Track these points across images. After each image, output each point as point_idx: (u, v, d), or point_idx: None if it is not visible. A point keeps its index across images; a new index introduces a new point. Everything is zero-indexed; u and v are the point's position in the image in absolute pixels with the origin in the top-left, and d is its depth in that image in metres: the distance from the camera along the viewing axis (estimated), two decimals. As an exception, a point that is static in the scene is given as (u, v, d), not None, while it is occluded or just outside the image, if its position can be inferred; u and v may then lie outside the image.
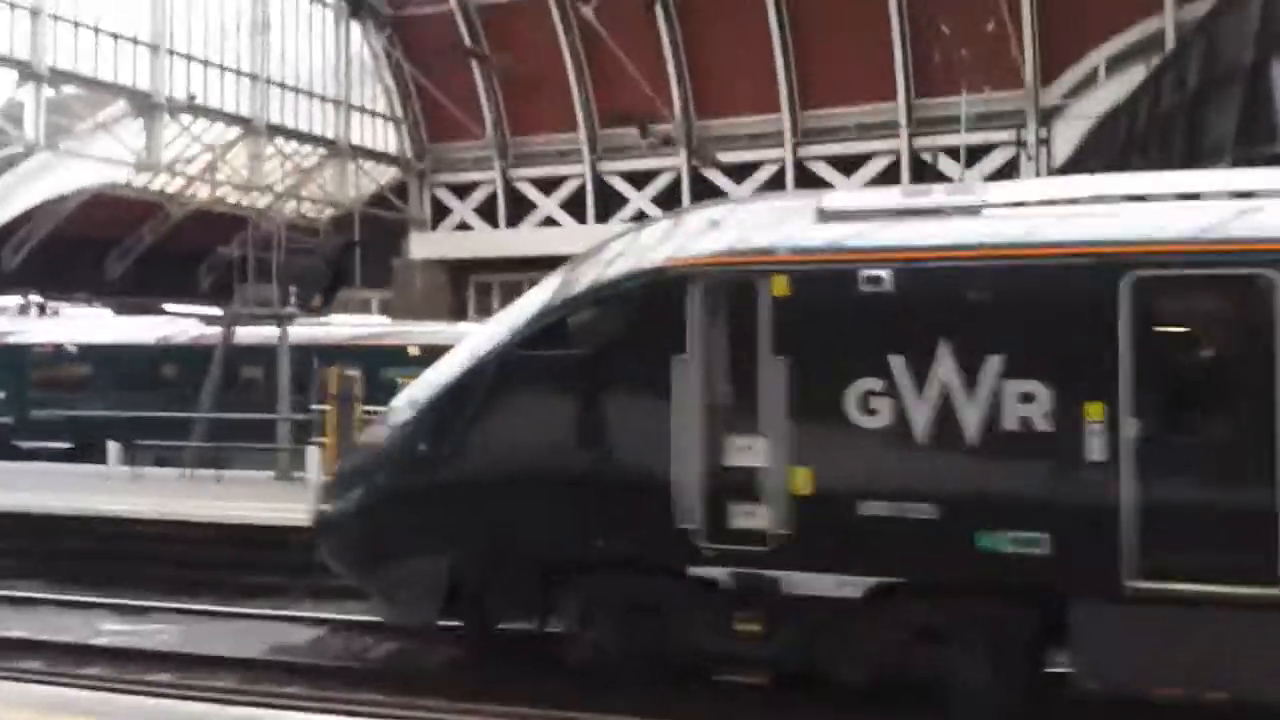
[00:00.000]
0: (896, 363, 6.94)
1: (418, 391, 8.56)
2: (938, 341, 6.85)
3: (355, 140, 33.75)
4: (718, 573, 7.43)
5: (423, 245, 35.26)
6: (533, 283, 31.50)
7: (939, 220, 7.25)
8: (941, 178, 28.81)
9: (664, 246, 7.91)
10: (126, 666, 9.11)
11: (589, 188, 33.00)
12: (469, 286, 35.75)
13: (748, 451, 7.25)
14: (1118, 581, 6.55)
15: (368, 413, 14.86)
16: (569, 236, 32.24)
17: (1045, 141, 27.68)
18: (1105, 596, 6.60)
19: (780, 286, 7.25)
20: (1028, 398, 6.65)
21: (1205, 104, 14.50)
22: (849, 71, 28.81)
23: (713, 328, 7.41)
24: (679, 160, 31.59)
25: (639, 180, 32.53)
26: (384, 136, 35.17)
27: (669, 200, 31.89)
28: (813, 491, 7.10)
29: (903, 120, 28.79)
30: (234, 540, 12.65)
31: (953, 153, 28.75)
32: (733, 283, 7.41)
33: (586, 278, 8.09)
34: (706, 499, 7.33)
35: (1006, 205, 7.31)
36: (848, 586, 7.13)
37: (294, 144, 32.39)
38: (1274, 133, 12.90)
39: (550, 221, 33.77)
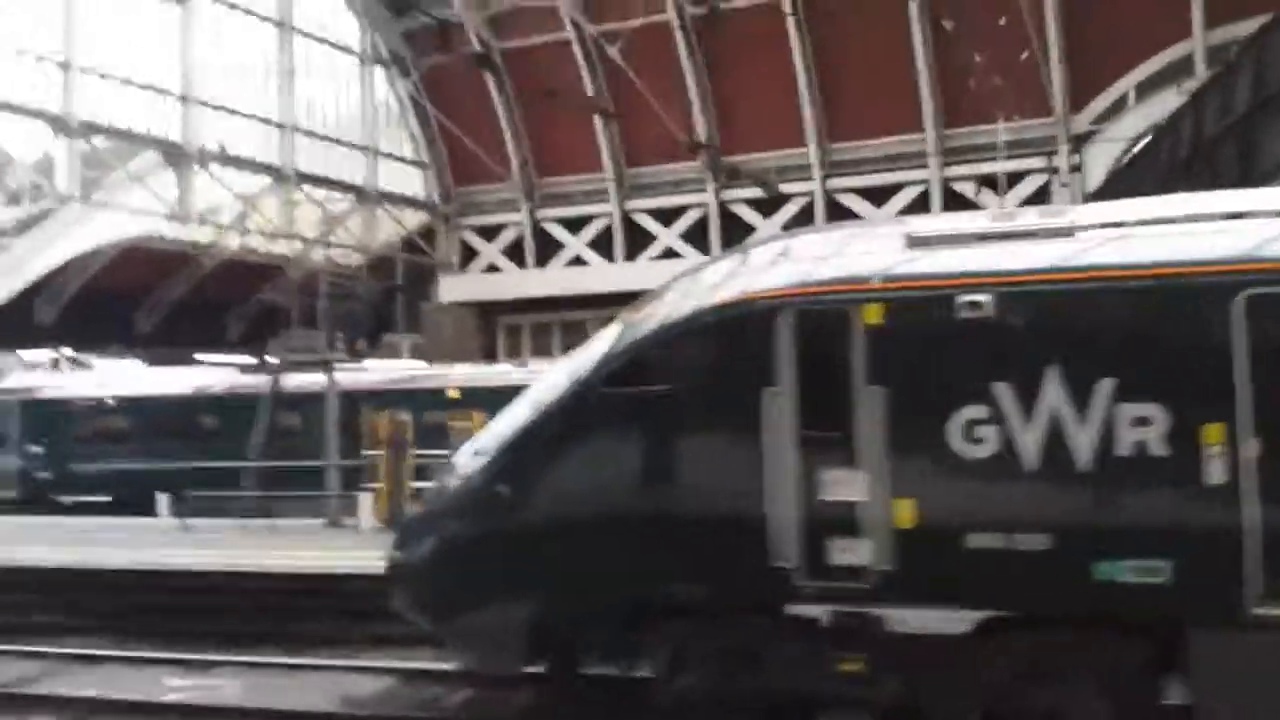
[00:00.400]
0: (1001, 389, 6.78)
1: (492, 434, 8.44)
2: (1045, 366, 6.69)
3: (383, 186, 33.97)
4: (817, 611, 7.24)
5: (451, 288, 35.37)
6: (564, 323, 31.98)
7: (1034, 243, 7.13)
8: (973, 207, 28.83)
9: (741, 279, 7.77)
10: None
11: (616, 226, 33.09)
12: (498, 328, 35.82)
13: (845, 485, 7.09)
14: (1241, 608, 6.36)
15: (419, 457, 14.79)
16: (598, 275, 32.39)
17: (1077, 168, 27.61)
18: (1228, 624, 6.40)
19: (874, 315, 7.10)
20: (1143, 421, 6.49)
21: (1256, 126, 14.38)
22: (876, 103, 28.88)
23: (804, 359, 7.26)
24: (707, 196, 31.64)
25: (667, 217, 32.59)
26: (411, 182, 35.41)
27: (696, 236, 32.00)
28: (916, 524, 6.92)
29: (931, 149, 28.78)
30: (297, 589, 12.55)
31: (984, 180, 28.77)
32: (824, 313, 7.26)
33: (663, 314, 7.96)
34: (803, 535, 7.15)
35: (1101, 227, 7.19)
36: (954, 621, 6.93)
37: (323, 191, 32.62)
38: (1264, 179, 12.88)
39: (578, 261, 33.84)
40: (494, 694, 9.55)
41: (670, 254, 32.12)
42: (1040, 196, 28.08)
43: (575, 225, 33.92)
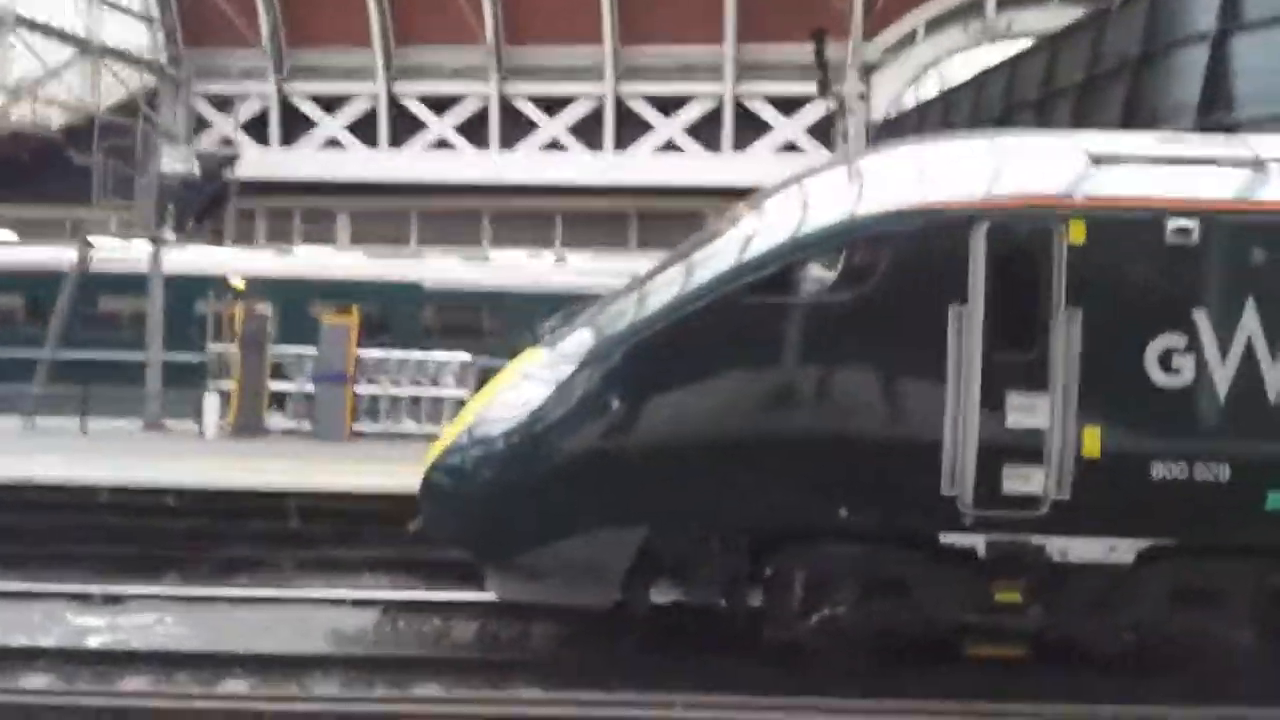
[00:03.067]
0: (1200, 319, 6.76)
1: (579, 342, 7.48)
2: (1244, 298, 6.74)
3: (111, 41, 29.66)
4: (974, 540, 7.02)
5: (176, 161, 31.58)
6: (306, 210, 29.58)
7: (1226, 171, 7.11)
8: (765, 125, 29.34)
9: (908, 186, 7.26)
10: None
11: (382, 108, 30.82)
12: (227, 210, 32.53)
13: (1032, 411, 6.85)
14: None
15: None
16: (357, 161, 30.17)
17: (864, 96, 28.61)
18: None
19: (1078, 233, 6.86)
20: None
21: (1149, 72, 15.35)
22: (676, 7, 28.48)
23: (997, 276, 6.90)
24: (488, 87, 30.11)
25: (440, 105, 30.72)
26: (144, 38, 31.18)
27: (473, 129, 30.47)
28: (1102, 453, 6.81)
29: (728, 62, 28.83)
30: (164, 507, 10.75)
31: (775, 100, 29.25)
32: (1024, 228, 6.94)
33: (811, 218, 7.31)
34: (981, 462, 6.87)
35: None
36: (1119, 551, 6.93)
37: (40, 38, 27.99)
38: (1231, 102, 14.00)
39: (334, 143, 31.28)
40: (508, 625, 8.68)
41: (443, 144, 30.42)
42: (827, 121, 28.93)
43: (332, 104, 31.26)
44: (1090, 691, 7.00)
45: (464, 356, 14.60)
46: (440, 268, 20.67)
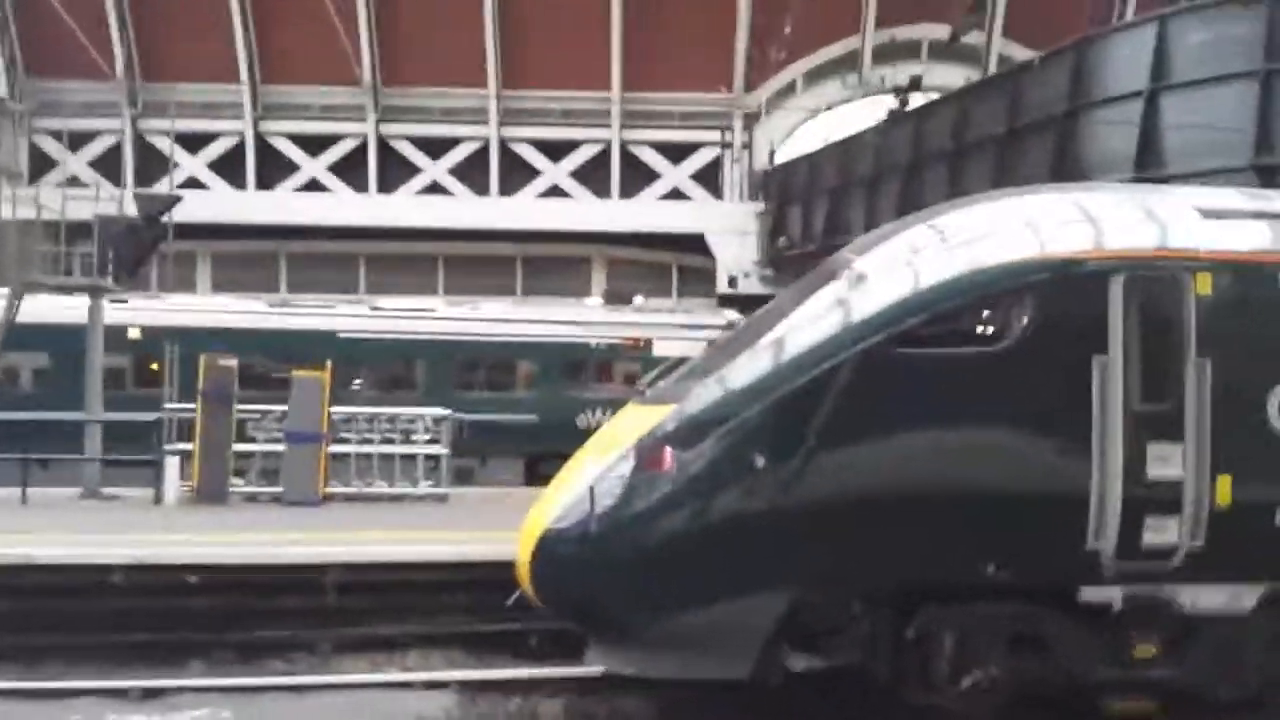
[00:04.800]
0: None
1: (716, 398, 7.34)
2: None
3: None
4: (1111, 594, 7.22)
5: (19, 200, 29.32)
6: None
7: None
8: (649, 171, 29.61)
9: (1033, 235, 7.46)
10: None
11: (249, 146, 29.52)
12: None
13: (1170, 462, 7.13)
14: None
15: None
16: (223, 201, 28.78)
17: (747, 145, 29.33)
18: None
19: (1205, 285, 7.22)
20: None
21: (1078, 127, 16.28)
22: (562, 52, 28.50)
23: (1136, 326, 7.19)
24: (365, 127, 29.29)
25: (313, 145, 29.66)
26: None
27: (349, 170, 29.54)
28: (1232, 501, 7.14)
29: (615, 110, 29.00)
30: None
31: (660, 147, 29.57)
32: (1159, 279, 7.27)
33: (947, 267, 7.38)
34: (1125, 514, 7.09)
35: None
36: (1241, 597, 7.27)
37: None
38: (1163, 157, 15.01)
39: (195, 183, 29.68)
40: (586, 702, 8.38)
41: (316, 185, 29.36)
42: (714, 168, 29.47)
43: (193, 142, 29.71)
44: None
45: (438, 411, 14.08)
46: (354, 315, 19.95)
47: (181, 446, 12.79)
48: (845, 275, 7.85)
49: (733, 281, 27.62)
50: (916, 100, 25.47)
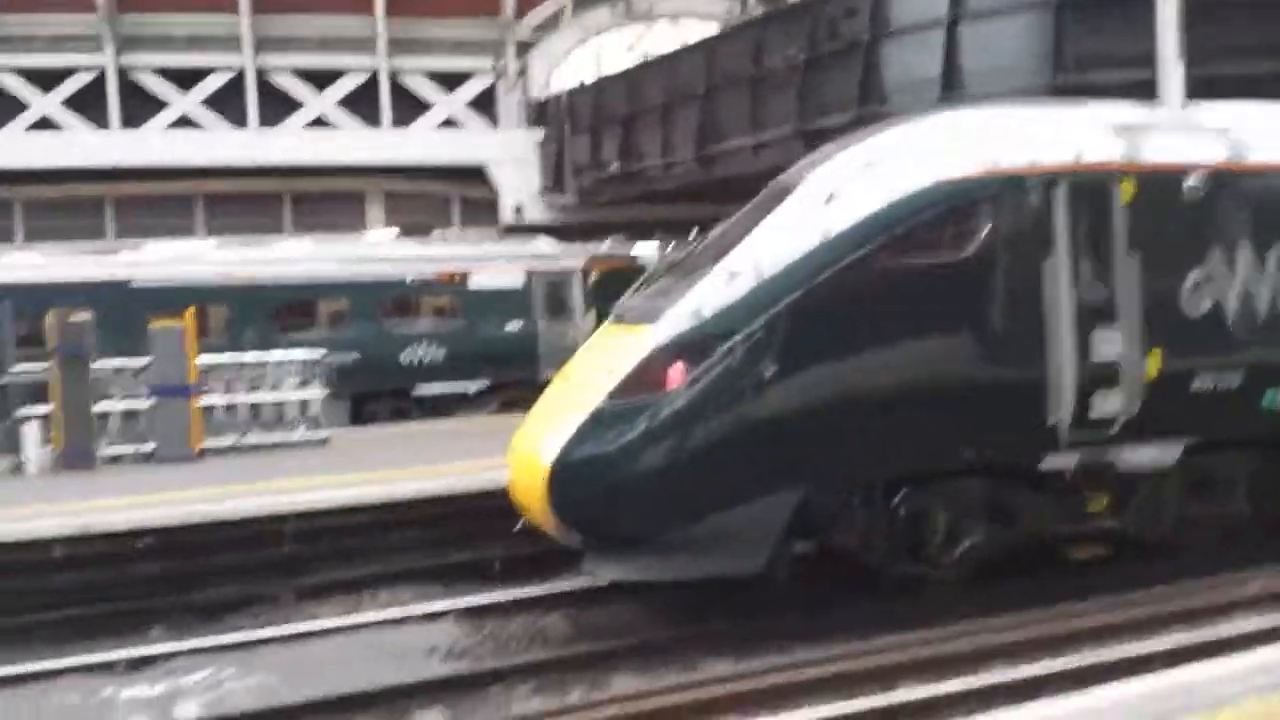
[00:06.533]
0: (1213, 257, 8.54)
1: (709, 313, 7.83)
2: (1240, 238, 8.61)
3: None
4: (1067, 460, 8.34)
5: None
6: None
7: (1203, 137, 9.00)
8: (421, 101, 28.98)
9: (981, 149, 8.33)
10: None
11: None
12: None
13: (1109, 344, 8.26)
14: None
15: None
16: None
17: (522, 73, 29.24)
18: None
19: (1129, 191, 8.33)
20: None
21: (884, 53, 17.55)
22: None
23: (1075, 231, 8.20)
24: (103, 59, 27.03)
25: (44, 80, 27.07)
26: None
27: (86, 105, 27.20)
28: (1159, 374, 8.37)
29: (381, 36, 28.14)
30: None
31: (432, 76, 29.00)
32: (1093, 187, 8.33)
33: (907, 181, 8.13)
34: (1077, 393, 8.18)
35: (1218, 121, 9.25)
36: (1167, 454, 8.59)
37: None
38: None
39: None
40: (587, 613, 8.83)
41: (48, 123, 26.90)
42: (488, 96, 29.21)
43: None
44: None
45: (308, 354, 13.63)
46: (152, 263, 18.75)
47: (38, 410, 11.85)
48: (807, 192, 8.47)
49: (518, 211, 27.69)
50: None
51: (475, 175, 28.02)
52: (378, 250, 21.04)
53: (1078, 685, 6.61)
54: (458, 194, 29.33)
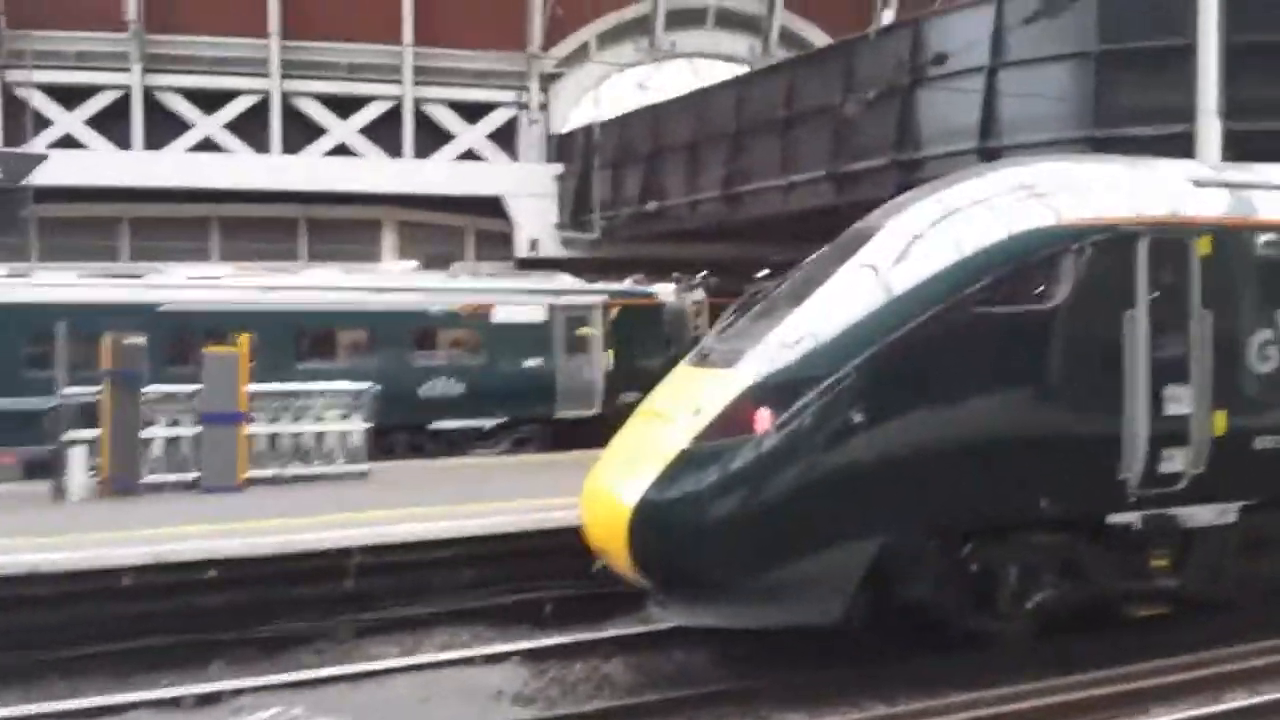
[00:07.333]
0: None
1: (796, 358, 7.92)
2: None
3: None
4: (1133, 517, 8.44)
5: None
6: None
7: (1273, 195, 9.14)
8: (443, 131, 29.19)
9: (1069, 201, 8.45)
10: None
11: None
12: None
13: (1180, 400, 8.40)
14: None
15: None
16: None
17: (544, 106, 29.49)
18: None
19: (1205, 246, 8.51)
20: None
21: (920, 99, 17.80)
22: (348, 2, 27.60)
23: (1154, 284, 8.37)
24: (129, 78, 27.20)
25: (68, 97, 27.17)
26: None
27: (111, 125, 27.28)
28: (1225, 431, 8.50)
29: (407, 65, 28.38)
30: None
31: (454, 105, 29.23)
32: (1171, 241, 8.47)
33: (998, 228, 8.25)
34: (1149, 447, 8.29)
35: None
36: (1226, 513, 8.69)
37: None
38: (1002, 129, 16.75)
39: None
40: (648, 660, 8.87)
41: (72, 141, 26.95)
42: (509, 129, 29.43)
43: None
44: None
45: (357, 386, 13.68)
46: (178, 286, 18.83)
47: (84, 434, 11.84)
48: (891, 238, 8.57)
49: (533, 245, 27.83)
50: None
51: (491, 207, 28.20)
52: (406, 280, 21.11)
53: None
54: (473, 226, 29.49)
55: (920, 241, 8.36)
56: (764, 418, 7.82)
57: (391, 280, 21.24)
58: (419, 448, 19.26)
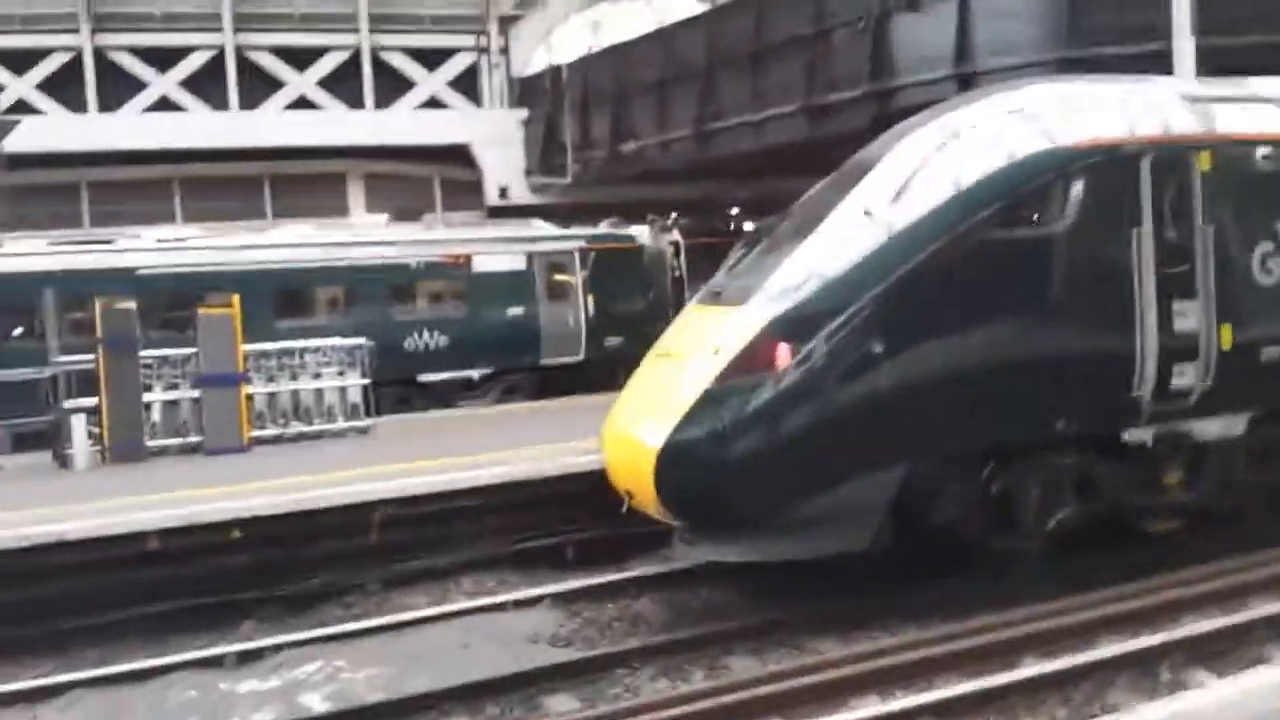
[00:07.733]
0: None
1: (807, 291, 7.98)
2: None
3: None
4: (1146, 433, 8.64)
5: None
6: None
7: (1267, 108, 9.25)
8: (403, 80, 28.76)
9: (1071, 122, 8.51)
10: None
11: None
12: None
13: (1188, 316, 8.55)
14: None
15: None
16: None
17: (505, 50, 29.10)
18: None
19: (1206, 162, 8.62)
20: None
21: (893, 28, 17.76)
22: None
23: (1157, 201, 8.48)
24: (78, 39, 26.46)
25: (17, 61, 26.48)
26: None
27: (61, 87, 26.66)
28: (1231, 345, 8.66)
29: (363, 12, 27.88)
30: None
31: (413, 54, 28.78)
32: (1175, 159, 8.57)
33: (995, 155, 8.28)
34: (1160, 364, 8.46)
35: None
36: (1236, 424, 8.89)
37: None
38: (975, 55, 16.76)
39: None
40: (676, 597, 9.02)
41: (24, 106, 26.28)
42: (471, 75, 29.05)
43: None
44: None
45: (352, 341, 13.61)
46: (153, 249, 18.54)
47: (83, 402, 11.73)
48: (898, 166, 8.58)
49: (503, 192, 27.60)
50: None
51: (458, 156, 27.88)
52: (382, 234, 20.92)
53: (1197, 654, 6.98)
54: (440, 175, 29.17)
55: (932, 165, 8.40)
56: (784, 353, 7.88)
57: (369, 234, 21.03)
58: (406, 401, 19.19)
